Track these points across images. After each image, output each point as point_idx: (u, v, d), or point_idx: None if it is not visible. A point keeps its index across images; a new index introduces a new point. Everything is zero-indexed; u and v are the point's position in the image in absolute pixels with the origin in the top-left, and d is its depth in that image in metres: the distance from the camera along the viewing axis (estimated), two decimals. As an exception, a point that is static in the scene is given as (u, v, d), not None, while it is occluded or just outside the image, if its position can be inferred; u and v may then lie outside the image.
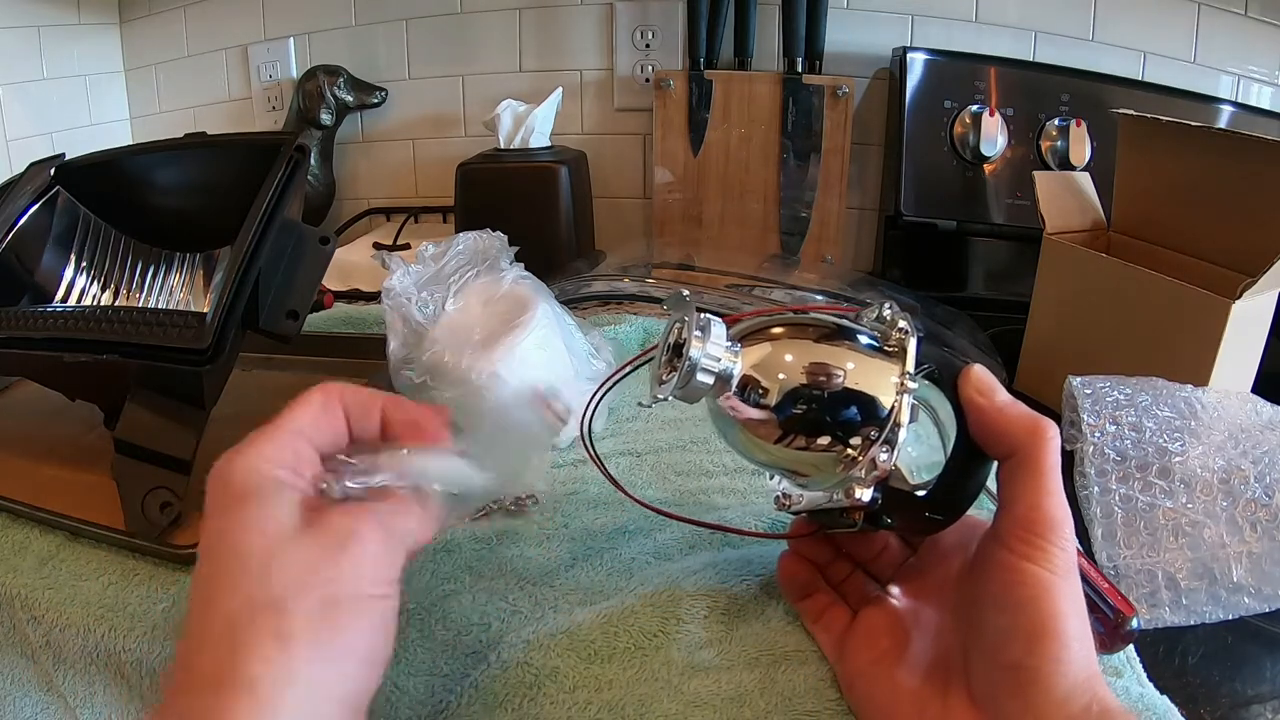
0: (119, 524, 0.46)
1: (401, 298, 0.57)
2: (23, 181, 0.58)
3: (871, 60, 0.98)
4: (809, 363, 0.32)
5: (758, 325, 0.34)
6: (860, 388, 0.32)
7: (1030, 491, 0.30)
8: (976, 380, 0.33)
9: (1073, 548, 0.30)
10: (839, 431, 0.32)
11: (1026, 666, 0.28)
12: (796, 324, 0.34)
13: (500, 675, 0.36)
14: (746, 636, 0.37)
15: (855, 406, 0.32)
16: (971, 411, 0.32)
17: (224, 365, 0.46)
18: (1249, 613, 0.43)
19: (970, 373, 0.33)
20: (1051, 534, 0.29)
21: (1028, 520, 0.30)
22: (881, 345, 0.33)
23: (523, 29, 1.06)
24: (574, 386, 0.57)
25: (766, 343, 0.33)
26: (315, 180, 1.09)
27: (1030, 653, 0.28)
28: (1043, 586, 0.29)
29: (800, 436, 0.33)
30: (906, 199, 0.90)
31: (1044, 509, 0.30)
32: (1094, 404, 0.51)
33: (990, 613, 0.30)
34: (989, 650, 0.30)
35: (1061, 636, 0.28)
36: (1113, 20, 0.92)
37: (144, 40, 1.21)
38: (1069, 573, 0.29)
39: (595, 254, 0.99)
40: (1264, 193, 0.56)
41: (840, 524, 0.35)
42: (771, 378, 0.32)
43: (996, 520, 0.31)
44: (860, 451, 0.32)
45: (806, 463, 0.34)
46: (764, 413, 0.32)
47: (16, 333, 0.49)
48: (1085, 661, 0.28)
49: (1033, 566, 0.29)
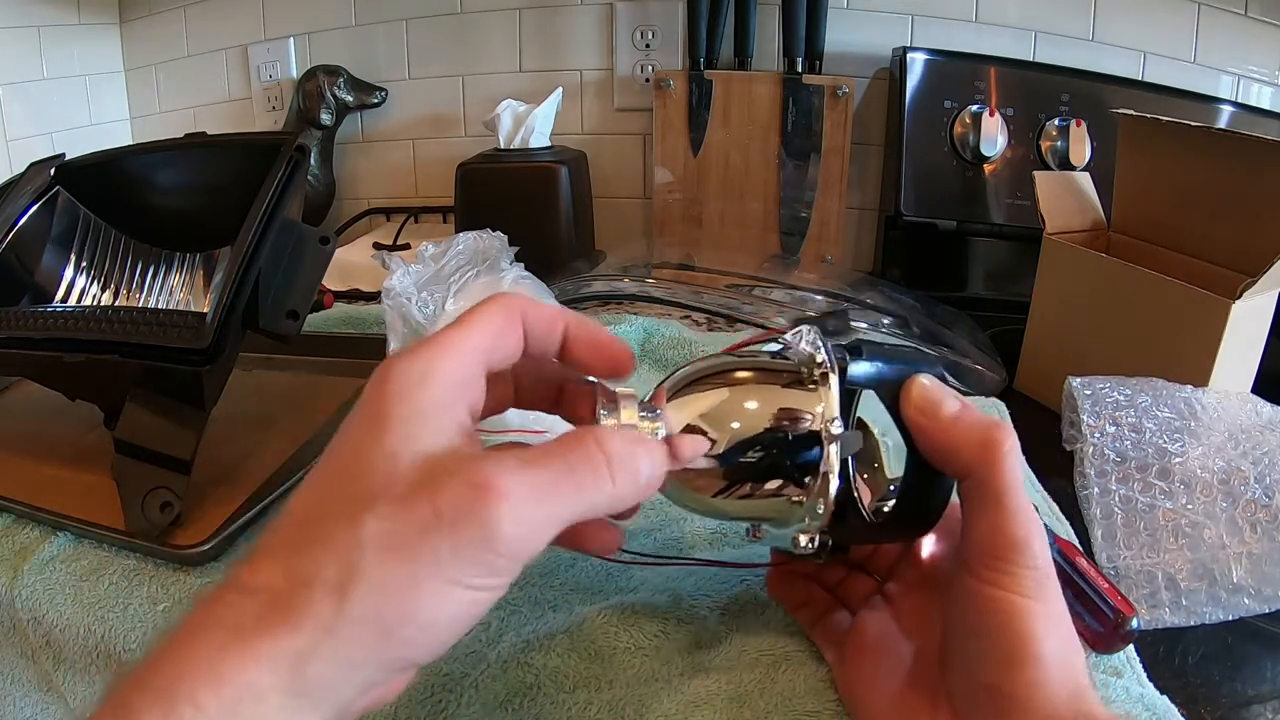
0: (119, 524, 0.46)
1: (401, 298, 0.57)
2: (23, 181, 0.58)
3: (871, 60, 0.98)
4: (735, 414, 0.30)
5: (678, 381, 0.32)
6: (786, 433, 0.30)
7: (989, 513, 0.29)
8: (919, 399, 0.30)
9: (1045, 563, 0.28)
10: (775, 478, 0.31)
11: (1003, 692, 0.27)
12: (719, 371, 0.32)
13: (500, 675, 0.36)
14: (746, 636, 0.37)
15: (787, 453, 0.30)
16: (916, 434, 0.30)
17: (224, 365, 0.46)
18: (1249, 613, 0.43)
19: (911, 390, 0.31)
20: (1016, 556, 0.28)
21: (990, 544, 0.28)
22: (805, 380, 0.31)
23: (523, 29, 1.06)
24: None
25: (690, 398, 0.31)
26: (315, 180, 1.09)
27: (1005, 679, 0.27)
28: (1013, 612, 0.28)
29: (739, 487, 0.31)
30: (906, 199, 0.90)
31: (1005, 531, 0.28)
32: (1094, 404, 0.51)
33: (963, 637, 0.29)
34: (966, 671, 0.29)
35: (1036, 660, 0.27)
36: (1113, 20, 0.92)
37: (144, 40, 1.21)
38: (1041, 593, 0.28)
39: (595, 254, 0.99)
40: (1264, 193, 0.56)
41: (808, 558, 0.33)
42: (700, 434, 0.30)
43: (961, 543, 0.30)
44: (805, 495, 0.31)
45: (755, 511, 0.32)
46: (699, 469, 0.31)
47: (16, 333, 0.49)
48: (1066, 680, 0.27)
49: (1000, 592, 0.28)
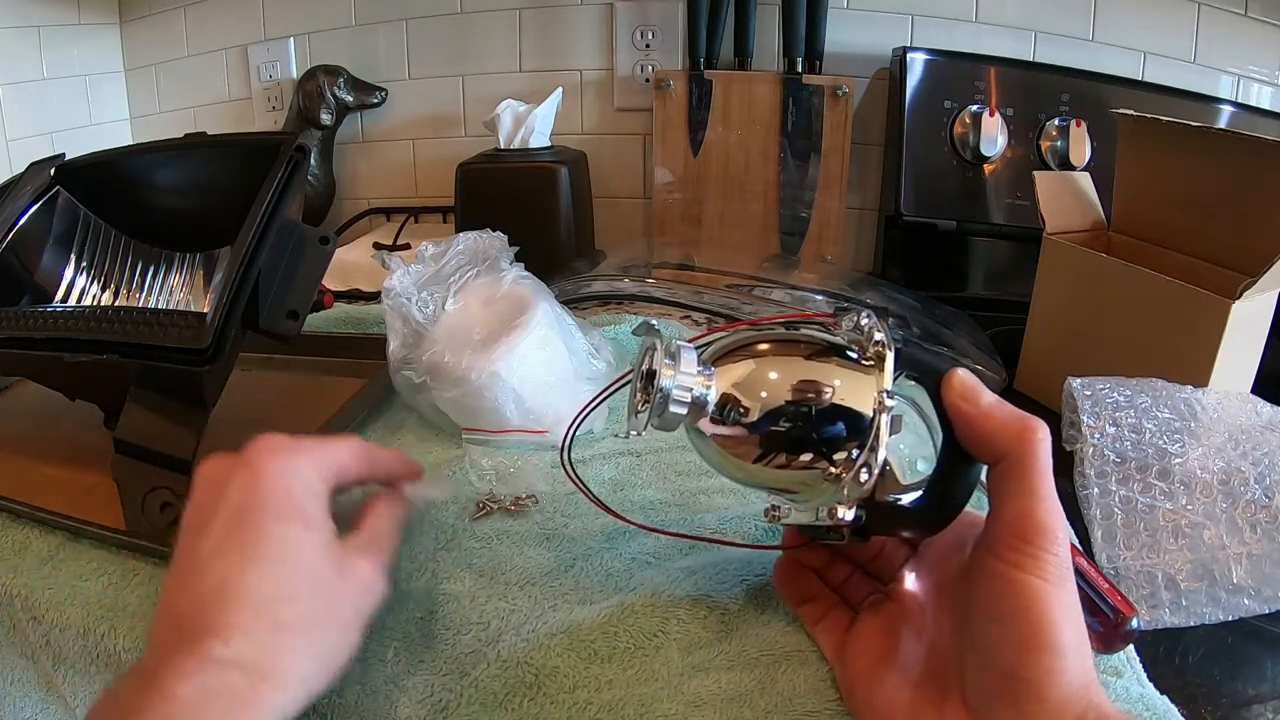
0: (119, 524, 0.46)
1: (401, 298, 0.57)
2: (23, 181, 0.58)
3: (871, 60, 0.98)
4: (786, 382, 0.32)
5: (731, 344, 0.33)
6: (838, 404, 0.31)
7: (1020, 497, 0.29)
8: (960, 386, 0.32)
9: (1066, 553, 0.29)
10: (819, 449, 0.32)
11: (1020, 677, 0.28)
12: (772, 340, 0.33)
13: (500, 675, 0.36)
14: (746, 636, 0.37)
15: (834, 424, 0.32)
16: (957, 418, 0.32)
17: (224, 365, 0.46)
18: (1249, 614, 0.43)
19: (953, 378, 0.32)
20: (1043, 540, 0.29)
21: (1018, 527, 0.29)
22: (859, 358, 0.33)
23: (523, 29, 1.06)
24: (574, 386, 0.57)
25: (741, 362, 0.32)
26: (315, 180, 1.09)
27: (1024, 664, 0.28)
28: (1035, 596, 0.28)
29: (780, 455, 0.32)
30: (906, 199, 0.90)
31: (1035, 515, 0.29)
32: (1094, 405, 0.51)
33: (983, 621, 0.30)
34: (983, 658, 0.29)
35: (1055, 647, 0.27)
36: (1113, 20, 0.92)
37: (144, 40, 1.21)
38: (1062, 580, 0.29)
39: (595, 254, 0.99)
40: (1264, 193, 0.56)
41: (829, 537, 0.34)
42: (750, 398, 0.32)
43: (987, 527, 0.31)
44: (843, 469, 0.32)
45: (788, 481, 0.33)
46: (742, 433, 0.32)
47: (16, 333, 0.49)
48: (1080, 670, 0.28)
49: (1024, 575, 0.28)
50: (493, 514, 0.48)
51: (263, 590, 0.30)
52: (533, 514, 0.48)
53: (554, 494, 0.49)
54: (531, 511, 0.48)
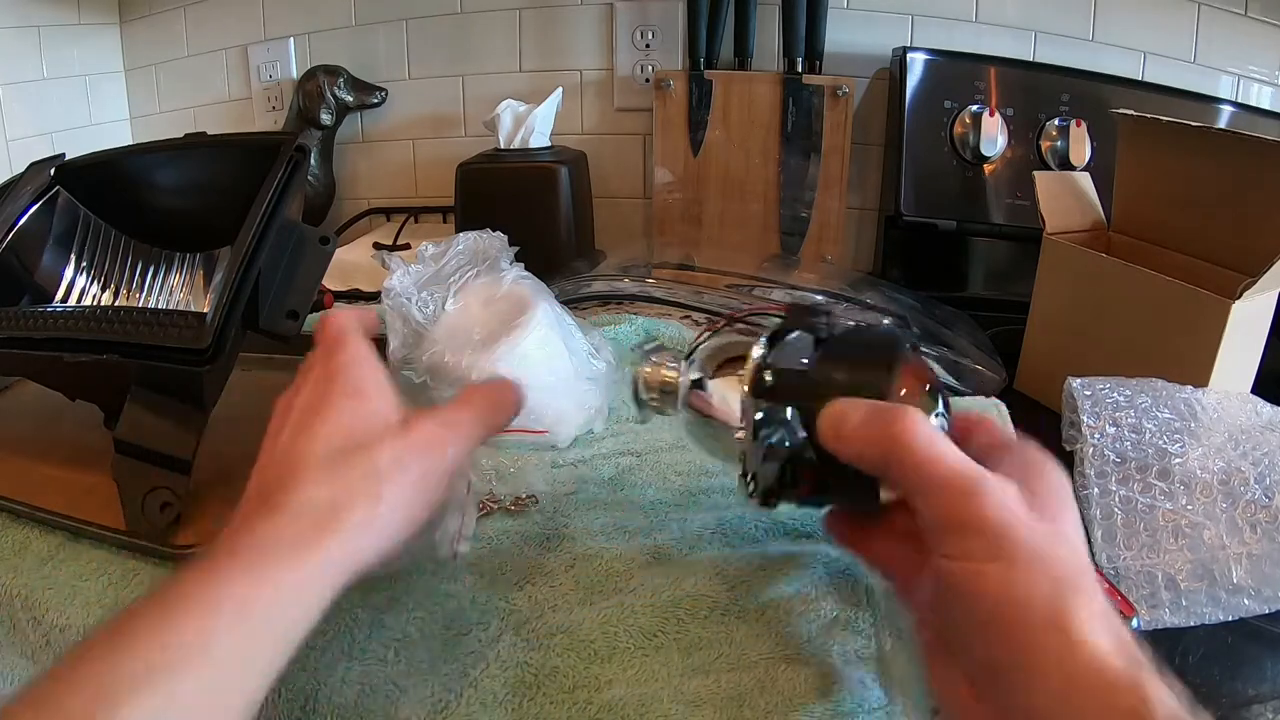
0: (119, 524, 0.46)
1: (401, 298, 0.57)
2: (23, 181, 0.58)
3: (871, 60, 0.98)
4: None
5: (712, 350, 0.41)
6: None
7: (915, 500, 0.29)
8: (825, 426, 0.31)
9: (995, 519, 0.27)
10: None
11: (1002, 665, 0.27)
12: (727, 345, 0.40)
13: (500, 675, 0.36)
14: (746, 636, 0.37)
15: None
16: (832, 453, 0.31)
17: (224, 365, 0.46)
18: (1249, 614, 0.43)
19: (822, 421, 0.32)
20: (956, 527, 0.28)
21: (929, 526, 0.29)
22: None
23: (523, 29, 1.06)
24: (574, 386, 0.57)
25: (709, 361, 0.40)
26: (315, 180, 1.09)
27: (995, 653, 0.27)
28: (975, 581, 0.27)
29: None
30: (906, 199, 0.90)
31: (935, 510, 0.28)
32: (1094, 405, 0.51)
33: (951, 626, 0.29)
34: (963, 657, 0.29)
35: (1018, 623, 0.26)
36: (1113, 20, 0.92)
37: (144, 40, 1.21)
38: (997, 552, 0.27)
39: (595, 254, 0.99)
40: (1264, 193, 0.56)
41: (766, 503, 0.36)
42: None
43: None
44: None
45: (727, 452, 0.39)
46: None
47: (16, 333, 0.49)
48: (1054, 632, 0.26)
49: (959, 564, 0.27)
50: (493, 514, 0.48)
51: (332, 444, 0.32)
52: (533, 514, 0.48)
53: (554, 494, 0.49)
54: (531, 511, 0.48)
